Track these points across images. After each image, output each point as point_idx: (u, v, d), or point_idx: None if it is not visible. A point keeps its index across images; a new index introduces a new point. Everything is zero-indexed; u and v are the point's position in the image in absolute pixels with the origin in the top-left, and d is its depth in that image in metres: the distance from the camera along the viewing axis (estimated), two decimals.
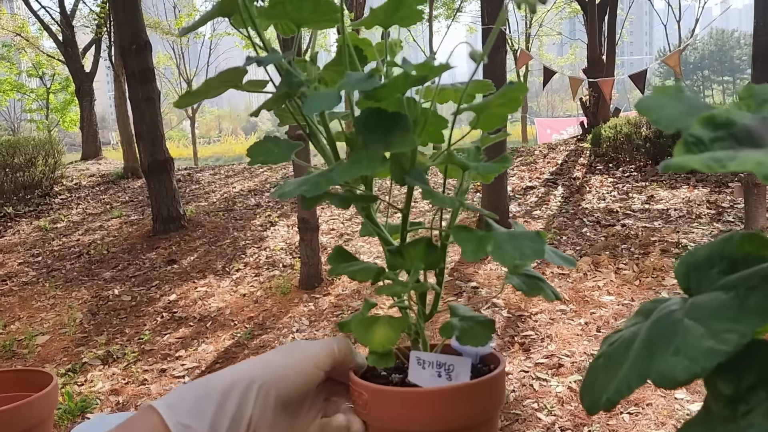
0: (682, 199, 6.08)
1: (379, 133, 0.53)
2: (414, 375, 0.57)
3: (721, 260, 0.47)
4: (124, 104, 10.41)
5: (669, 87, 0.48)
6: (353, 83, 0.51)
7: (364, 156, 0.52)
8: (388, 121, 0.53)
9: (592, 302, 4.21)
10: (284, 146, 0.59)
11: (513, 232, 0.57)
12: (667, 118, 0.45)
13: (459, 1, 17.90)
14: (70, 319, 4.94)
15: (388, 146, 0.52)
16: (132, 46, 6.44)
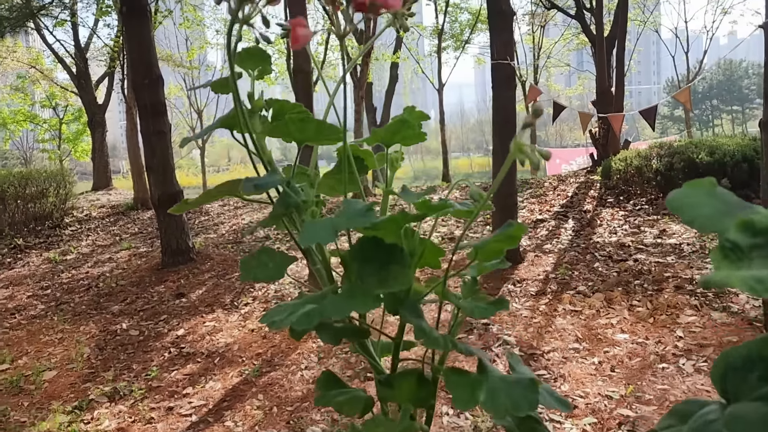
0: (695, 233, 6.01)
1: (375, 265, 0.52)
2: None
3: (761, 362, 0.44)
4: (136, 136, 10.52)
5: (701, 181, 0.46)
6: (350, 219, 0.50)
7: (359, 291, 0.50)
8: (385, 253, 0.53)
9: (605, 340, 4.14)
10: (279, 260, 0.58)
11: (507, 378, 0.56)
12: (702, 218, 0.43)
13: (467, 34, 18.08)
14: (78, 354, 4.91)
15: (383, 283, 0.51)
16: (144, 81, 6.52)
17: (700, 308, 4.39)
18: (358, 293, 0.51)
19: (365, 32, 11.84)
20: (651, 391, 3.48)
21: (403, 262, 0.53)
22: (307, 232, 0.51)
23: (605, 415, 3.31)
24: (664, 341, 4.02)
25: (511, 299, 5.00)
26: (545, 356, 4.04)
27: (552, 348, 4.13)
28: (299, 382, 4.04)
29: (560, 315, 4.61)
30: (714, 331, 4.05)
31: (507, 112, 5.45)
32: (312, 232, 0.50)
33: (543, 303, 4.87)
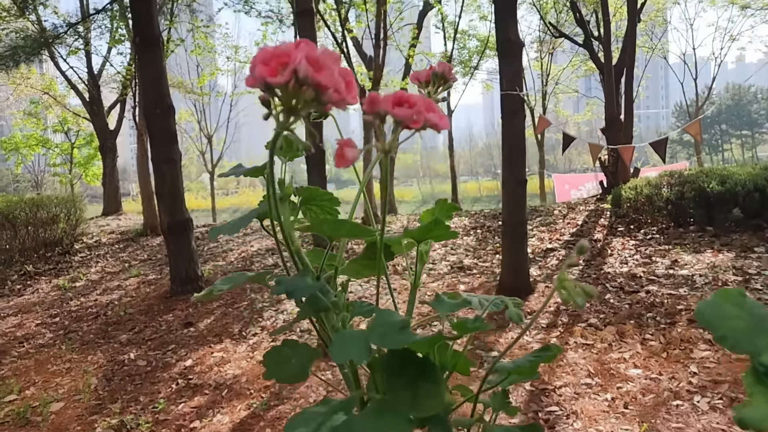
0: (707, 265, 5.95)
1: (405, 380, 0.50)
2: None
3: None
4: (146, 163, 10.60)
5: (730, 292, 0.44)
6: (385, 337, 0.49)
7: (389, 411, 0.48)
8: (416, 368, 0.51)
9: (618, 376, 4.08)
10: (303, 353, 0.56)
11: None
12: (733, 335, 0.41)
13: (476, 60, 18.22)
14: (85, 384, 4.88)
15: (415, 404, 0.49)
16: (156, 110, 6.58)
17: (714, 343, 4.31)
18: (388, 413, 0.49)
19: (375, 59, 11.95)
20: (665, 429, 3.41)
21: (436, 380, 0.51)
22: (339, 348, 0.49)
23: None
24: (678, 377, 3.95)
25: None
26: (557, 392, 3.98)
27: (564, 383, 4.07)
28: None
29: (572, 348, 4.55)
30: (729, 367, 3.98)
31: (516, 142, 5.46)
32: (344, 349, 0.49)
33: (554, 336, 4.81)
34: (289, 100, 0.48)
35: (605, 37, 10.05)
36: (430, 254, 7.65)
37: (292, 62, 0.46)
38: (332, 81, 0.48)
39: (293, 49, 0.47)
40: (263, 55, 0.48)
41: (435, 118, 0.53)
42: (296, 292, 0.53)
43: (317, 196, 0.60)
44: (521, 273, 5.65)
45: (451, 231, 0.63)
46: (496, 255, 7.17)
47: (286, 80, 0.47)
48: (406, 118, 0.53)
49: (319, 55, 0.48)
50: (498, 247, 7.17)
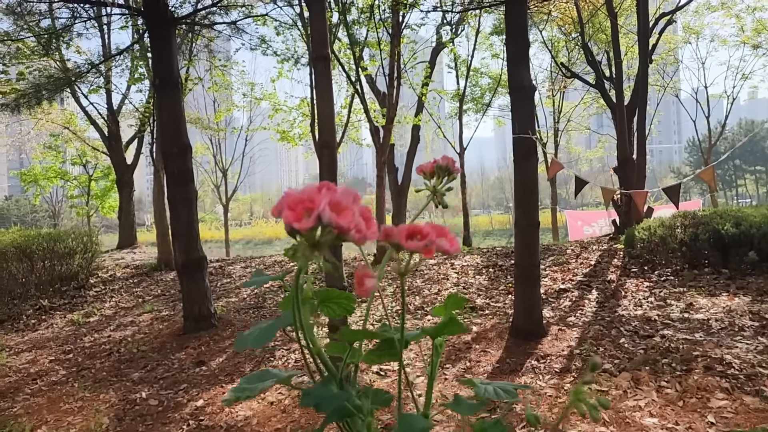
0: (723, 309, 5.89)
1: None
2: None
3: None
4: (162, 198, 10.73)
5: None
6: None
7: None
8: None
9: (633, 425, 4.02)
10: None
11: None
12: None
13: (488, 98, 18.39)
14: (97, 424, 4.88)
15: None
16: (173, 149, 6.70)
17: (732, 391, 4.26)
18: None
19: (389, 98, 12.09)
20: None
21: None
22: None
23: None
24: (695, 427, 3.89)
25: (535, 376, 4.90)
26: None
27: (579, 431, 4.02)
28: None
29: (586, 396, 4.49)
30: (747, 417, 3.92)
31: (529, 185, 5.48)
32: None
33: (568, 381, 4.76)
34: (313, 239, 0.52)
35: (617, 77, 10.14)
36: (443, 293, 7.64)
37: (316, 208, 0.50)
38: (353, 223, 0.51)
39: (317, 194, 0.51)
40: (289, 201, 0.51)
41: (446, 244, 0.56)
42: (323, 404, 0.56)
43: (334, 296, 0.63)
44: (534, 315, 5.62)
45: (462, 326, 0.68)
46: (508, 295, 7.14)
47: (311, 226, 0.50)
48: (418, 250, 0.55)
49: (341, 197, 0.52)
50: (510, 287, 7.14)
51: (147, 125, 13.76)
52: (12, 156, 32.83)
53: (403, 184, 14.34)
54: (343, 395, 0.58)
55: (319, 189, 0.52)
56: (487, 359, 5.34)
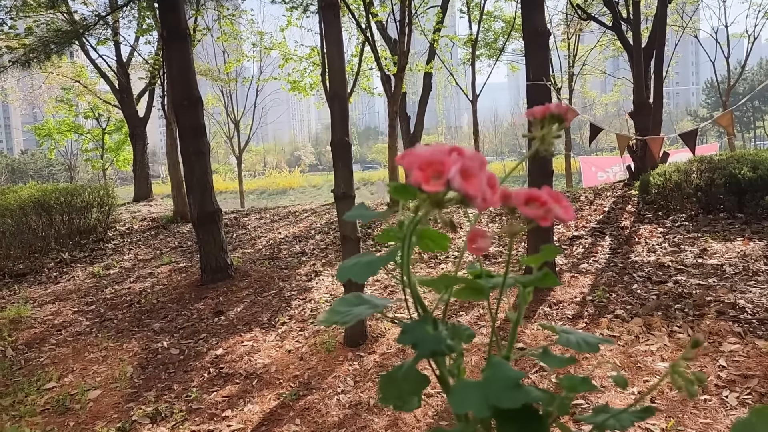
0: (737, 254, 5.88)
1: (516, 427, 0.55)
2: None
3: None
4: (175, 151, 10.75)
5: (766, 411, 0.44)
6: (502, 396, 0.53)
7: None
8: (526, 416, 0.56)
9: (645, 369, 4.08)
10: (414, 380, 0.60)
11: None
12: None
13: (501, 42, 18.00)
14: (121, 372, 5.04)
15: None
16: (184, 102, 6.68)
17: (744, 336, 4.29)
18: None
19: (400, 45, 11.88)
20: (693, 425, 3.42)
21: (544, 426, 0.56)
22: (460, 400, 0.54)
23: None
24: (706, 371, 3.94)
25: (548, 322, 4.96)
26: None
27: (590, 376, 4.09)
28: (336, 406, 4.08)
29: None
30: (759, 360, 3.96)
31: None
32: (464, 401, 0.53)
33: (580, 327, 4.82)
34: (437, 199, 0.53)
35: (634, 18, 9.85)
36: (456, 242, 7.67)
37: (446, 172, 0.50)
38: (480, 190, 0.51)
39: (447, 157, 0.51)
40: (420, 161, 0.51)
41: (561, 211, 0.57)
42: (421, 345, 0.57)
43: (430, 234, 0.65)
44: (547, 264, 5.64)
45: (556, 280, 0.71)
46: (521, 243, 7.16)
47: (441, 189, 0.51)
48: (536, 217, 0.57)
49: (470, 162, 0.52)
50: (524, 235, 7.15)
51: (157, 78, 13.67)
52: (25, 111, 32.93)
53: (416, 132, 14.22)
54: (439, 336, 0.60)
55: (449, 152, 0.52)
56: (500, 307, 5.40)
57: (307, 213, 10.30)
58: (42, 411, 4.55)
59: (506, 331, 4.79)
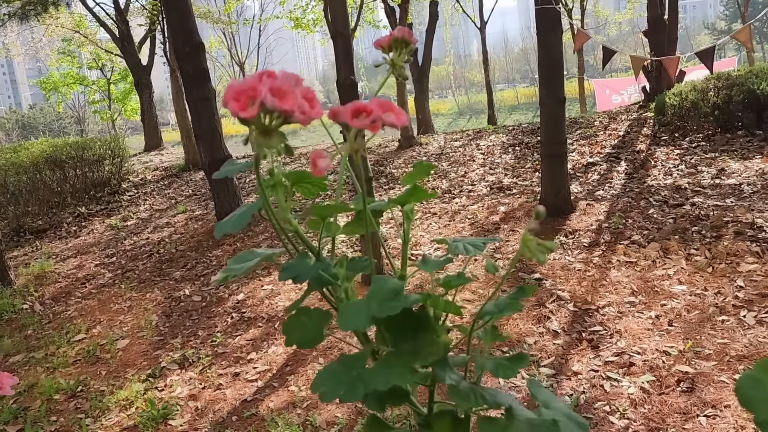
0: (756, 172, 5.78)
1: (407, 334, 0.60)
2: None
3: None
4: (181, 99, 10.64)
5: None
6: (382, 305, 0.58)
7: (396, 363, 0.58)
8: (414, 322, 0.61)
9: (662, 293, 4.09)
10: (316, 318, 0.66)
11: (533, 421, 0.62)
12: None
13: None
14: (147, 321, 5.17)
15: (417, 356, 0.59)
16: (185, 48, 6.55)
17: (762, 255, 4.27)
18: (394, 365, 0.58)
19: None
20: (711, 345, 3.45)
21: (433, 329, 0.60)
22: (344, 319, 0.58)
23: (663, 372, 3.31)
24: (723, 292, 3.95)
25: (564, 252, 4.97)
26: (600, 311, 4.03)
27: (607, 302, 4.12)
28: (358, 343, 4.16)
29: (615, 267, 4.56)
30: None
31: (554, 60, 5.27)
32: (349, 319, 0.58)
33: (596, 255, 4.82)
34: (262, 124, 0.55)
35: None
36: (469, 175, 7.63)
37: (258, 96, 0.52)
38: (296, 105, 0.54)
39: (258, 83, 0.53)
40: (233, 92, 0.54)
41: (392, 118, 0.58)
42: (301, 275, 0.62)
43: (305, 177, 0.68)
44: (561, 192, 5.60)
45: (428, 193, 0.74)
46: (535, 173, 7.09)
47: (256, 113, 0.53)
48: (365, 127, 0.58)
49: (281, 82, 0.54)
50: (537, 165, 7.07)
51: (157, 24, 13.40)
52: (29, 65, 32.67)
53: (424, 64, 13.90)
54: (319, 265, 0.63)
55: (260, 77, 0.54)
56: (516, 238, 5.40)
57: None
58: (74, 362, 4.70)
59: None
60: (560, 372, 3.48)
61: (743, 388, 0.43)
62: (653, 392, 3.17)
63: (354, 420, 3.40)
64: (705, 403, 3.00)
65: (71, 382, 4.27)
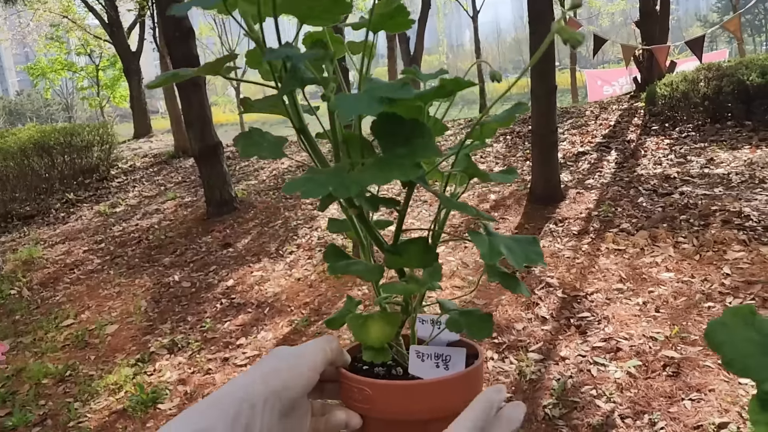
0: (744, 162, 5.82)
1: (399, 139, 0.55)
2: (414, 368, 0.62)
3: None
4: (171, 85, 10.55)
5: (741, 310, 0.45)
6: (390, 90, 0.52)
7: (394, 162, 0.53)
8: (409, 128, 0.56)
9: (650, 280, 4.13)
10: (272, 140, 0.61)
11: (515, 238, 0.63)
12: (742, 361, 0.42)
13: None
14: (136, 307, 5.16)
15: (415, 154, 0.54)
16: (176, 34, 6.49)
17: (749, 243, 4.31)
18: (394, 165, 0.53)
19: None
20: (697, 331, 3.48)
21: (427, 135, 0.55)
22: (345, 104, 0.51)
23: (650, 357, 3.35)
24: (710, 279, 3.98)
25: (554, 239, 4.99)
26: (588, 298, 4.06)
27: (595, 289, 4.15)
28: (346, 330, 4.16)
29: (603, 254, 4.59)
30: (763, 266, 3.99)
31: (545, 51, 5.26)
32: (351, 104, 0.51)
33: (585, 242, 4.85)
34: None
35: None
36: None
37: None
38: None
39: None
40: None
41: None
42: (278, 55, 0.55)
43: None
44: (552, 180, 5.62)
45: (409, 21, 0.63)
46: (526, 161, 7.11)
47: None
48: None
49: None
50: (528, 153, 7.09)
51: (146, 8, 13.27)
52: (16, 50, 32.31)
53: (416, 53, 13.86)
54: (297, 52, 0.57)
55: None
56: (506, 226, 5.42)
57: None
58: (63, 347, 4.69)
59: None
60: (548, 357, 3.51)
61: (712, 332, 0.44)
62: (639, 377, 3.20)
63: None
64: (690, 387, 3.04)
65: (60, 367, 4.26)
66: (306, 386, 0.55)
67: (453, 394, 0.59)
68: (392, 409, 0.58)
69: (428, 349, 0.61)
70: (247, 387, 0.52)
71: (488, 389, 0.56)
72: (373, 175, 0.52)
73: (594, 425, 2.91)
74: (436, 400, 0.58)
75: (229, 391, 0.52)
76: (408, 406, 0.57)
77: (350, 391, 0.59)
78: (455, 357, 0.61)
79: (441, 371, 0.60)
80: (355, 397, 0.59)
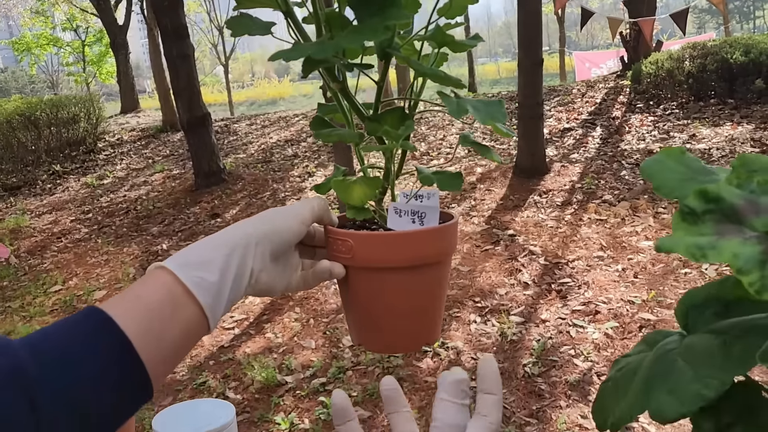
0: (725, 138, 5.93)
1: (374, 9, 0.59)
2: (392, 222, 0.68)
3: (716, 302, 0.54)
4: (159, 58, 10.49)
5: (673, 150, 0.53)
6: None
7: (366, 26, 0.58)
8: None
9: (629, 248, 4.23)
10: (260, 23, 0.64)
11: (482, 100, 0.69)
12: (668, 185, 0.50)
13: None
14: (124, 274, 5.20)
15: (385, 20, 0.58)
16: (164, 2, 6.47)
17: None
18: (366, 28, 0.58)
19: None
20: (672, 295, 3.59)
21: (398, 4, 0.59)
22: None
23: (627, 319, 3.46)
24: None
25: (537, 210, 5.08)
26: (570, 265, 4.16)
27: (577, 257, 4.25)
28: (333, 295, 4.24)
29: (585, 224, 4.69)
30: None
31: (532, 21, 5.32)
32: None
33: (568, 213, 4.94)
34: None
35: None
36: (448, 138, 7.68)
37: None
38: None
39: None
40: None
41: None
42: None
43: None
44: (537, 153, 5.70)
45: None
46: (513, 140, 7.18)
47: None
48: None
49: None
50: (515, 129, 7.16)
51: None
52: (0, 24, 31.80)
53: None
54: None
55: None
56: (491, 197, 5.50)
57: (298, 117, 10.21)
58: (51, 311, 4.73)
59: None
60: (529, 320, 3.61)
61: (647, 166, 0.51)
62: (616, 337, 3.31)
63: (329, 364, 3.50)
64: None
65: None
66: (294, 234, 0.61)
67: (427, 246, 0.65)
68: (372, 257, 0.64)
69: (405, 206, 0.67)
70: (241, 230, 0.58)
71: None
72: (347, 39, 0.57)
73: (571, 382, 3.01)
74: (411, 250, 0.64)
75: (223, 234, 0.57)
76: (386, 256, 0.64)
77: (335, 244, 0.65)
78: (429, 214, 0.67)
79: (416, 226, 0.66)
80: (339, 248, 0.65)
